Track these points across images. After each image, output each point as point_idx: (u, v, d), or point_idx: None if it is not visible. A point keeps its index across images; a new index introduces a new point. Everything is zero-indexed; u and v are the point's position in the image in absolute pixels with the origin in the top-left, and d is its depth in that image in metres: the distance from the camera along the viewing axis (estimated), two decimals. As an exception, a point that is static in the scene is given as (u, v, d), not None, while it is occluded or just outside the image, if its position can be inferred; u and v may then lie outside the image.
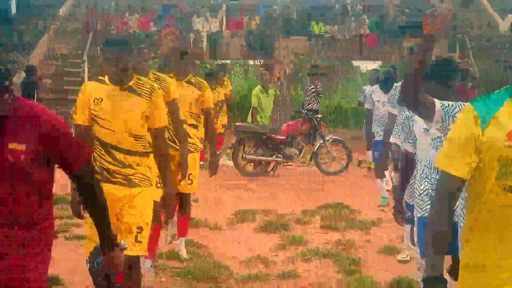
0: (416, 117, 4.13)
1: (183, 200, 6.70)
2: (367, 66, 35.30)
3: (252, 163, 12.78)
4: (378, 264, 6.83)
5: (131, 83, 4.42)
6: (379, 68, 13.01)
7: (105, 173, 4.43)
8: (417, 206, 4.37)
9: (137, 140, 4.47)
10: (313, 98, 17.20)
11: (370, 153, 10.44)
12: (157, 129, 4.51)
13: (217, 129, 12.30)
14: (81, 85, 10.43)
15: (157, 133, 4.53)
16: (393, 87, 7.33)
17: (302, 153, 12.83)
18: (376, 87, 9.65)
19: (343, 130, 19.65)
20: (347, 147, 12.81)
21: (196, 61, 13.88)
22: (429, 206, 3.98)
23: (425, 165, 4.24)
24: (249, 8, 19.74)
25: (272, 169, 12.71)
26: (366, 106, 10.08)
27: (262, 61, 23.30)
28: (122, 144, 4.42)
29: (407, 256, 6.73)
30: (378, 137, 8.95)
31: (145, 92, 4.44)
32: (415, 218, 4.47)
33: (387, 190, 9.24)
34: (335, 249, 7.31)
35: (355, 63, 32.76)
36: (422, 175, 4.30)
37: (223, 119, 13.86)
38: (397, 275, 6.24)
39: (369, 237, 7.90)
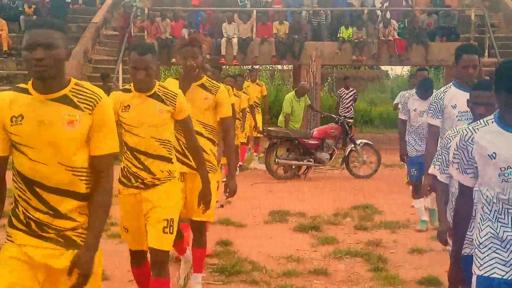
0: (480, 141, 3.31)
1: (196, 230, 5.63)
2: (396, 70, 35.64)
3: (284, 167, 13.10)
4: (406, 263, 7.10)
5: (154, 90, 4.57)
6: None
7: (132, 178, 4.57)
8: (476, 259, 3.35)
9: (162, 145, 4.58)
10: (351, 105, 17.54)
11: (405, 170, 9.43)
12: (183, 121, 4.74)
13: (239, 138, 12.37)
14: (115, 90, 11.00)
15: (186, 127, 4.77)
16: (433, 95, 5.79)
17: (333, 157, 13.12)
18: (412, 93, 8.61)
19: (370, 133, 19.83)
20: (377, 151, 13.06)
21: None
22: (492, 261, 3.27)
23: (493, 202, 3.28)
24: (278, 14, 19.97)
25: (303, 173, 13.03)
26: (400, 116, 8.71)
27: (290, 66, 23.62)
28: (148, 149, 4.52)
29: None
30: (414, 153, 8.26)
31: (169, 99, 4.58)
32: (473, 275, 3.39)
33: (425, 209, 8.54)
34: (365, 248, 7.60)
35: (383, 67, 32.93)
36: (485, 216, 3.32)
37: (258, 122, 14.30)
38: (425, 273, 6.52)
39: (397, 237, 8.17)
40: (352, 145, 13.00)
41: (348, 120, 13.46)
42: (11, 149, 3.16)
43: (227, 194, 5.63)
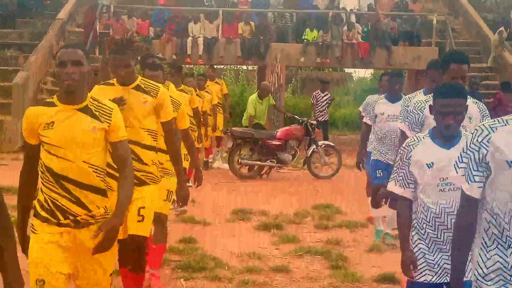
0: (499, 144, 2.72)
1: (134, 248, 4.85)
2: (359, 73, 36.09)
3: (247, 167, 13.29)
4: (365, 261, 7.33)
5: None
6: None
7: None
8: None
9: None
10: (325, 108, 17.79)
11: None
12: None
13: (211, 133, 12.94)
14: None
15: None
16: (404, 99, 5.58)
17: (295, 158, 13.35)
18: (381, 97, 8.04)
19: (333, 134, 20.14)
20: (339, 153, 13.31)
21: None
22: None
23: (504, 222, 2.72)
24: (244, 14, 20.13)
25: (265, 173, 13.23)
26: (366, 120, 8.08)
27: (255, 66, 23.80)
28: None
29: None
30: (381, 157, 7.60)
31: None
32: None
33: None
34: (325, 247, 7.81)
35: (347, 70, 33.31)
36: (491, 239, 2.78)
37: (219, 121, 14.32)
38: (382, 271, 6.75)
39: (357, 236, 8.40)
40: (314, 146, 13.23)
41: (311, 122, 13.65)
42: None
43: (180, 204, 5.66)
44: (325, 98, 17.96)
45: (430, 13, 21.58)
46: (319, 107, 17.88)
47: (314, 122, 13.76)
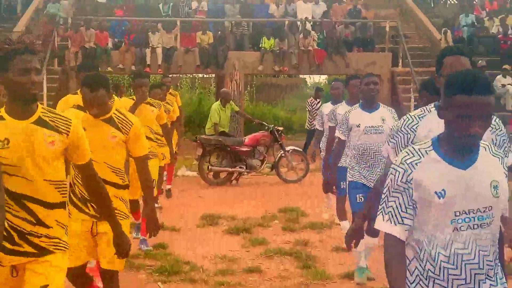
0: None
1: (107, 279, 4.79)
2: (314, 78, 36.69)
3: (215, 173, 13.57)
4: (331, 259, 7.68)
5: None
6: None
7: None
8: None
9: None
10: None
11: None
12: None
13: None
14: (40, 99, 11.53)
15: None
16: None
17: (264, 164, 13.67)
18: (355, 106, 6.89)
19: (291, 140, 20.51)
20: (306, 158, 13.66)
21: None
22: None
23: None
24: (202, 24, 20.42)
25: (235, 178, 13.52)
26: (338, 135, 6.74)
27: (213, 75, 24.08)
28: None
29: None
30: (361, 179, 6.52)
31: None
32: None
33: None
34: (294, 248, 8.14)
35: (302, 76, 33.85)
36: None
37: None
38: (348, 269, 7.10)
39: (322, 237, 8.75)
40: (282, 152, 13.57)
41: (277, 128, 14.00)
42: None
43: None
44: (319, 105, 17.96)
45: (383, 19, 22.17)
46: (314, 114, 18.04)
47: (281, 128, 14.09)
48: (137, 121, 4.80)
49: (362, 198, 6.25)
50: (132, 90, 8.25)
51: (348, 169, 6.64)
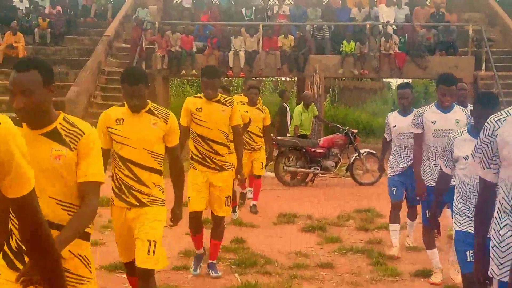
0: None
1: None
2: (397, 82, 36.43)
3: (291, 174, 13.88)
4: (404, 258, 7.87)
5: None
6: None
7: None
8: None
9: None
10: None
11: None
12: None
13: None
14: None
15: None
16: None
17: (338, 165, 13.89)
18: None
19: (372, 143, 20.57)
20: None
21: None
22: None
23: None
24: (284, 28, 20.77)
25: (310, 180, 13.80)
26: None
27: (295, 78, 24.40)
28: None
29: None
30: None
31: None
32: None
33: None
34: (367, 246, 8.37)
35: (386, 80, 33.72)
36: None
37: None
38: (420, 267, 7.28)
39: (396, 237, 8.92)
40: (356, 154, 13.77)
41: (352, 130, 14.18)
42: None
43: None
44: None
45: (466, 23, 21.94)
46: None
47: (355, 131, 14.26)
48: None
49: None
50: None
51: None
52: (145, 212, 4.80)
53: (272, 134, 12.31)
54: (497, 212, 3.36)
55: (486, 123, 3.39)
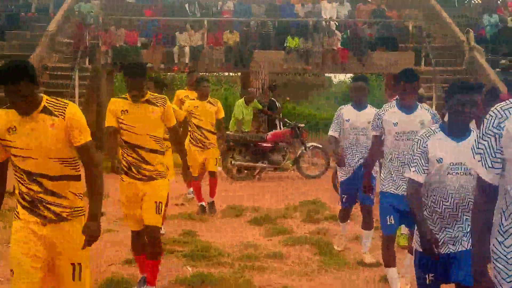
0: None
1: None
2: (339, 77, 37.09)
3: (239, 168, 14.06)
4: (349, 248, 8.13)
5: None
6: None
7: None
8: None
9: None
10: None
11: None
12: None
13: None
14: (71, 96, 12.40)
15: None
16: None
17: (285, 159, 14.15)
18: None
19: (317, 138, 20.91)
20: (326, 154, 14.10)
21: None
22: None
23: None
24: (228, 23, 20.91)
25: (257, 174, 14.01)
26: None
27: (239, 73, 24.57)
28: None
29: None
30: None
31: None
32: None
33: None
34: (314, 237, 8.60)
35: (327, 74, 34.28)
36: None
37: None
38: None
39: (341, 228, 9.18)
40: (303, 148, 14.03)
41: (299, 125, 14.44)
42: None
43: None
44: None
45: (406, 19, 22.47)
46: None
47: (302, 125, 14.53)
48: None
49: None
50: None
51: (382, 179, 6.21)
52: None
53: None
54: (500, 219, 2.96)
55: (491, 112, 2.94)
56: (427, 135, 4.49)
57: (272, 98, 16.28)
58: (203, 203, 10.19)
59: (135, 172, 5.86)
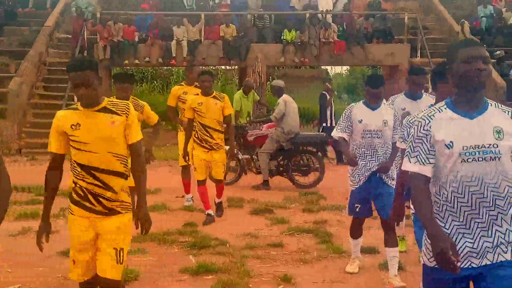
0: None
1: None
2: (336, 69, 37.21)
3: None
4: (349, 237, 8.27)
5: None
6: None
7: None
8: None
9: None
10: None
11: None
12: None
13: None
14: (70, 91, 12.93)
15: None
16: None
17: None
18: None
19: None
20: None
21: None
22: None
23: None
24: (225, 17, 21.02)
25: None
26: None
27: (236, 66, 24.72)
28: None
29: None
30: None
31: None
32: None
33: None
34: (313, 226, 8.79)
35: (323, 67, 34.38)
36: None
37: None
38: (365, 244, 7.70)
39: (341, 218, 9.37)
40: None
41: None
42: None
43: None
44: None
45: (402, 11, 22.64)
46: None
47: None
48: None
49: None
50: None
51: None
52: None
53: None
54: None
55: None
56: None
57: (324, 92, 16.57)
58: (210, 212, 9.12)
59: (92, 202, 4.40)
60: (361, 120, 6.40)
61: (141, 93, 27.55)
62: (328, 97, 16.55)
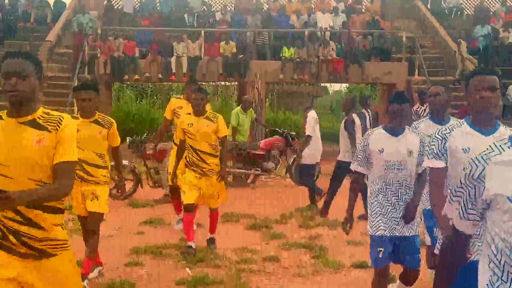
0: None
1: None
2: (335, 86, 37.45)
3: (233, 176, 14.33)
4: (343, 252, 8.40)
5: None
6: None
7: None
8: None
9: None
10: None
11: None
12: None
13: None
14: (71, 106, 12.84)
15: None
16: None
17: (278, 166, 14.43)
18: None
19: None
20: (318, 161, 14.34)
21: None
22: None
23: None
24: (225, 34, 21.21)
25: (251, 181, 14.27)
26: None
27: (236, 83, 24.87)
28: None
29: None
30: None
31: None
32: None
33: None
34: (309, 241, 8.88)
35: (324, 85, 34.64)
36: None
37: None
38: (359, 260, 7.82)
39: (336, 233, 9.46)
40: (295, 155, 14.29)
41: (291, 133, 14.72)
42: None
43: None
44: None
45: (400, 30, 22.83)
46: None
47: (294, 133, 14.82)
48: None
49: None
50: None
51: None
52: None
53: None
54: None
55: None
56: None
57: (363, 110, 14.32)
58: (192, 244, 8.02)
59: (13, 242, 3.48)
60: (383, 149, 5.40)
61: (141, 108, 27.69)
62: (367, 117, 14.22)
